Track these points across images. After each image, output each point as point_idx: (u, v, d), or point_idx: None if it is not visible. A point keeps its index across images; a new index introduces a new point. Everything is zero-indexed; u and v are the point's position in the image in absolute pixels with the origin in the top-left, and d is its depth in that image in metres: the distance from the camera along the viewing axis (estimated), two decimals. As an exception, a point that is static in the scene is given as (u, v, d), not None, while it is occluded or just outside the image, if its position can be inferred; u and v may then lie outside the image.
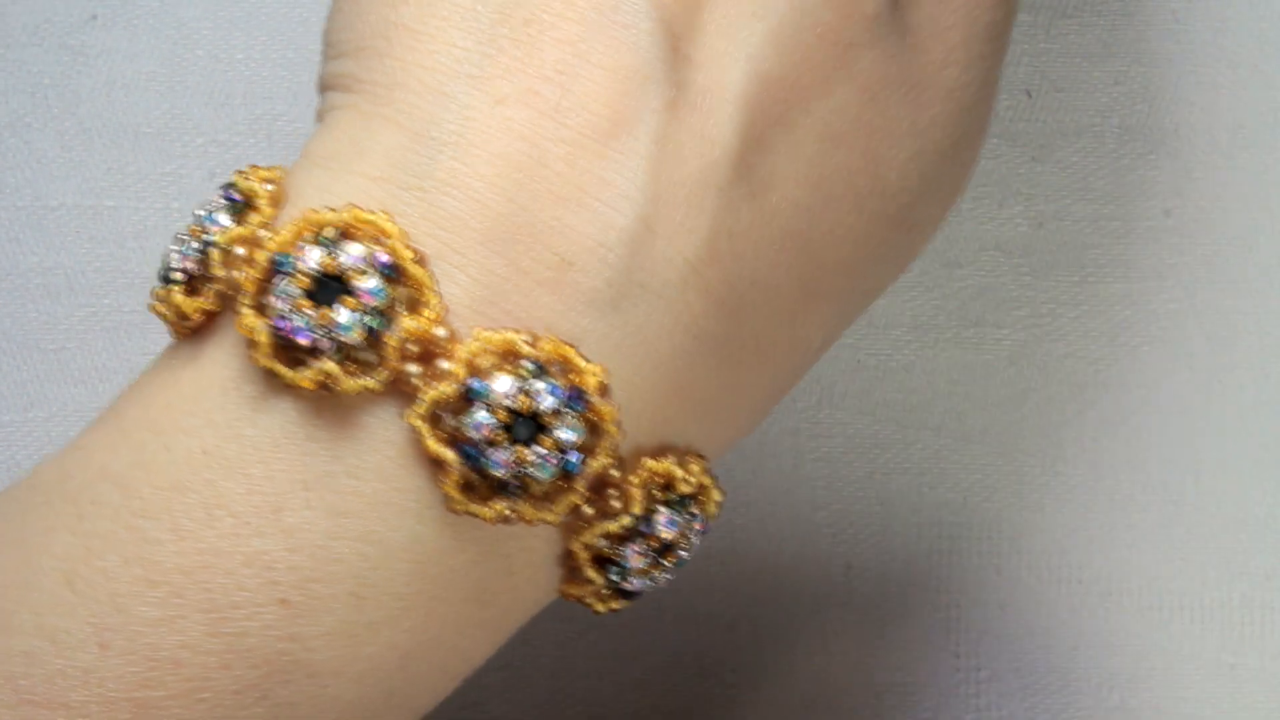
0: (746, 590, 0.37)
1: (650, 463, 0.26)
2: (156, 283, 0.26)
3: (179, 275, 0.26)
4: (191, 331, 0.26)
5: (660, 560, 0.27)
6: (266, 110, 0.37)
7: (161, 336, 0.37)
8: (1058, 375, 0.37)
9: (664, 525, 0.26)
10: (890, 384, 0.37)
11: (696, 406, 0.27)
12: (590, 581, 0.26)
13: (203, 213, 0.26)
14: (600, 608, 0.27)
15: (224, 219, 0.26)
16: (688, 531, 0.27)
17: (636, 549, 0.26)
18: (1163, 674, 0.37)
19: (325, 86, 0.27)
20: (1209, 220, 0.37)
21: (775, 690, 0.37)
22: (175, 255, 0.26)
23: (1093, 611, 0.37)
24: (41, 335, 0.37)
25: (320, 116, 0.27)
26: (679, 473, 0.26)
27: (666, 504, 0.26)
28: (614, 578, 0.26)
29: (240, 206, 0.26)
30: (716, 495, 0.27)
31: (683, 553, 0.27)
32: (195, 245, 0.26)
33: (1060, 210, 0.37)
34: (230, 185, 0.26)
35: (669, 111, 0.25)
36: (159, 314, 0.26)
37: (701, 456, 0.27)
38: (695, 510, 0.27)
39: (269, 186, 0.26)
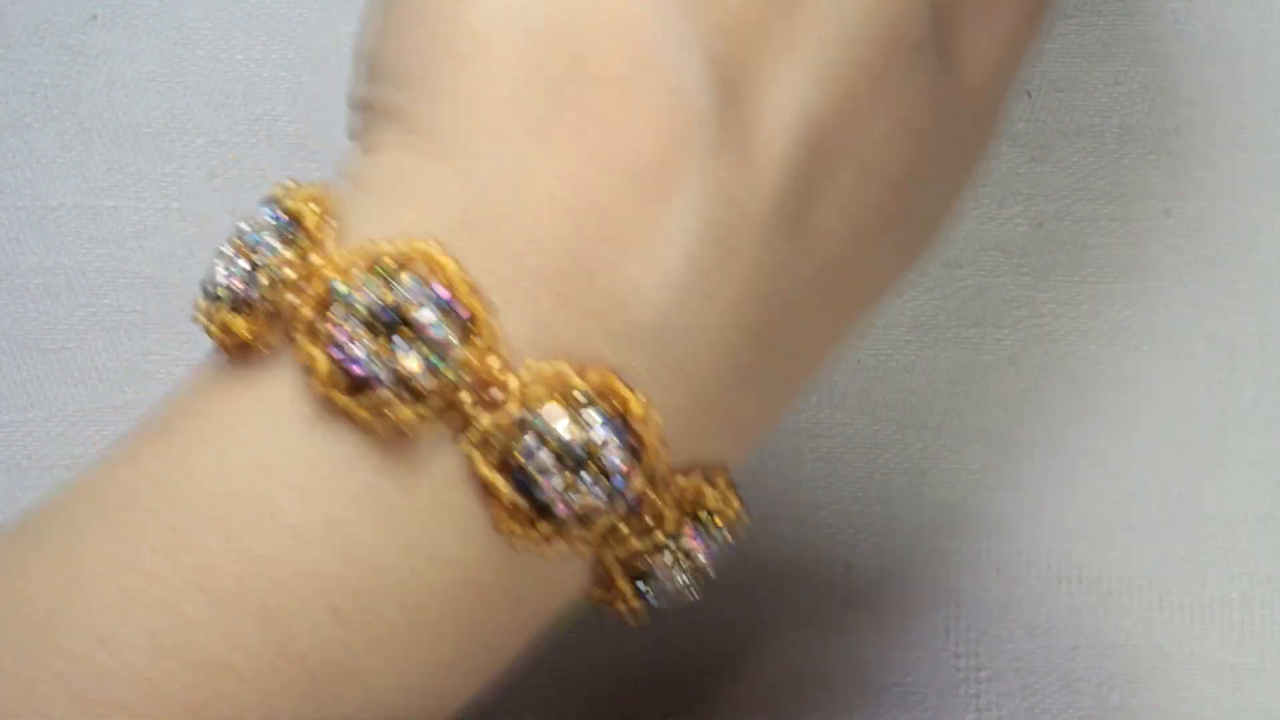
0: (746, 590, 0.37)
1: (681, 480, 0.27)
2: (199, 295, 0.27)
3: (225, 293, 0.26)
4: (239, 349, 0.26)
5: (686, 574, 0.27)
6: (266, 110, 0.37)
7: (161, 337, 0.37)
8: (1058, 375, 0.37)
9: (692, 540, 0.27)
10: (890, 384, 0.37)
11: (726, 426, 0.27)
12: (621, 592, 0.27)
13: (246, 228, 0.26)
14: (630, 620, 0.28)
15: (272, 240, 0.26)
16: (713, 545, 0.27)
17: (666, 563, 0.27)
18: (1163, 674, 0.37)
19: (367, 108, 0.27)
20: (1209, 220, 0.37)
21: (775, 690, 0.37)
22: (222, 272, 0.26)
23: (1093, 611, 0.37)
24: (41, 335, 0.37)
25: (358, 136, 0.27)
26: (708, 490, 0.27)
27: (695, 519, 0.27)
28: (644, 590, 0.27)
29: (287, 227, 0.26)
30: (737, 505, 0.28)
31: (705, 565, 0.27)
32: (244, 265, 0.26)
33: (1060, 210, 0.37)
34: (274, 201, 0.27)
35: (718, 154, 0.26)
36: (205, 329, 0.26)
37: (727, 471, 0.28)
38: (721, 525, 0.27)
39: (314, 207, 0.26)
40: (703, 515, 0.27)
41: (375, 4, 0.28)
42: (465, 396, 0.25)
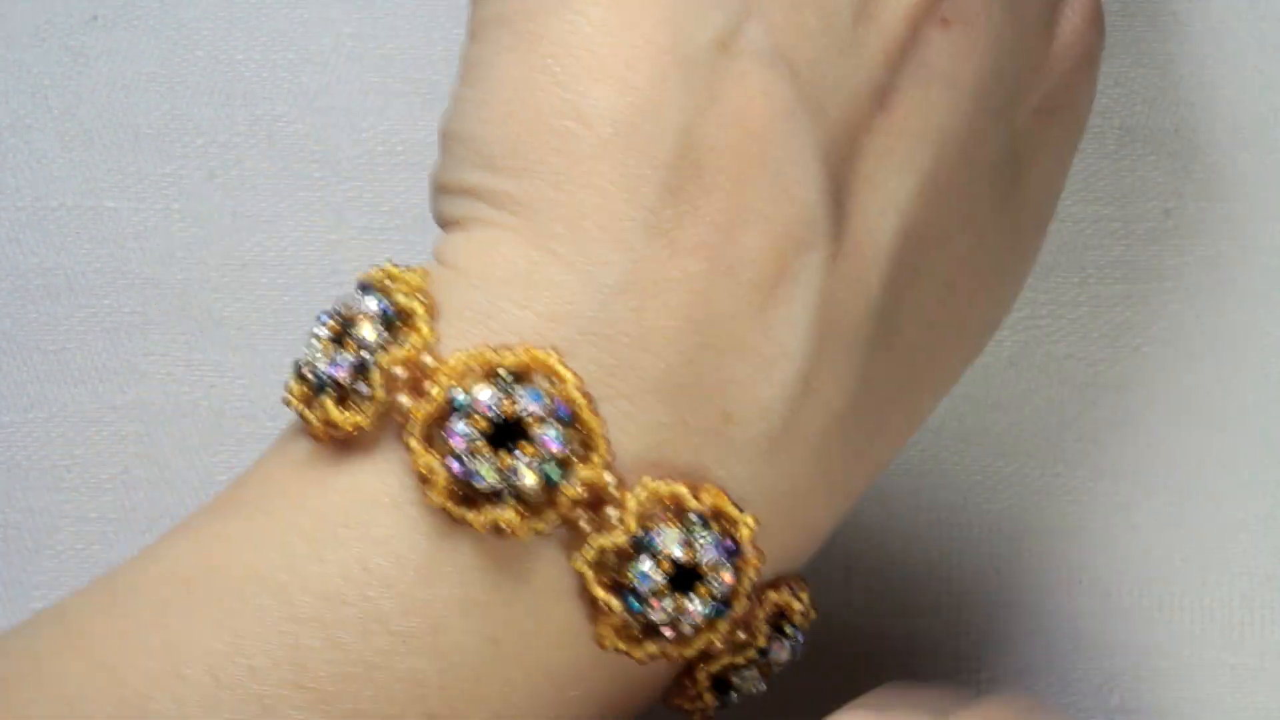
0: (746, 590, 0.37)
1: (773, 596, 0.27)
2: (290, 376, 0.26)
3: (330, 383, 0.25)
4: (338, 441, 0.25)
5: (761, 677, 0.28)
6: (266, 110, 0.37)
7: (161, 338, 0.37)
8: (1058, 376, 0.37)
9: (778, 652, 0.27)
10: (890, 384, 0.37)
11: (810, 537, 0.28)
12: (702, 700, 0.27)
13: (344, 311, 0.26)
14: (698, 717, 0.28)
15: (378, 331, 0.25)
16: (793, 656, 0.28)
17: (754, 674, 0.27)
18: (1163, 674, 0.37)
19: (465, 193, 0.26)
20: (1209, 220, 0.37)
21: (774, 690, 0.37)
22: (323, 362, 0.26)
23: (1093, 611, 0.37)
24: (41, 335, 0.37)
25: (454, 221, 0.27)
26: (797, 605, 0.27)
27: (781, 631, 0.27)
28: (728, 699, 0.27)
29: (394, 319, 0.25)
30: (812, 614, 0.28)
31: (778, 669, 0.28)
32: (349, 357, 0.25)
33: (1060, 211, 0.37)
34: (376, 287, 0.26)
35: (830, 265, 0.26)
36: (304, 417, 0.26)
37: (804, 581, 0.28)
38: (800, 635, 0.28)
39: (422, 299, 0.25)
40: (787, 627, 0.27)
41: (475, 86, 0.27)
42: (581, 514, 0.25)
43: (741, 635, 0.26)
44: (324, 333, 0.26)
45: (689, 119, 0.25)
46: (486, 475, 0.24)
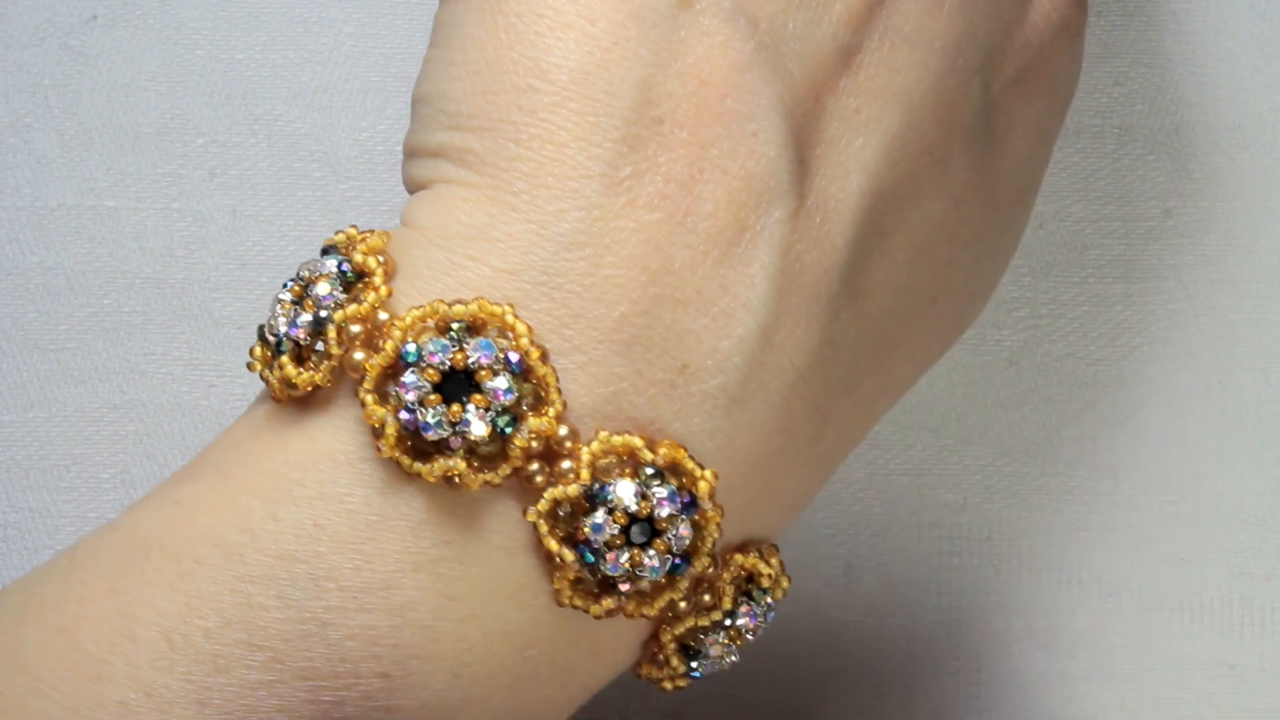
0: (746, 590, 0.37)
1: (739, 558, 0.27)
2: (256, 341, 0.26)
3: (288, 344, 0.26)
4: (295, 399, 0.26)
5: (732, 646, 0.27)
6: (266, 110, 0.37)
7: (161, 337, 0.37)
8: (1058, 376, 0.37)
9: (746, 617, 0.27)
10: (890, 384, 0.37)
11: (782, 503, 0.27)
12: (671, 667, 0.27)
13: (308, 274, 0.26)
14: (668, 686, 0.28)
15: (337, 292, 0.26)
16: (763, 622, 0.28)
17: (719, 639, 0.27)
18: (1163, 674, 0.37)
19: (432, 153, 0.27)
20: (1209, 220, 0.37)
21: (775, 690, 0.37)
22: (283, 322, 0.26)
23: (1093, 611, 0.37)
24: (41, 335, 0.37)
25: (421, 182, 0.27)
26: (764, 569, 0.27)
27: (748, 596, 0.27)
28: (693, 665, 0.27)
29: (352, 279, 0.26)
30: (785, 583, 0.28)
31: (750, 637, 0.28)
32: (307, 317, 0.26)
33: (1060, 210, 0.37)
34: (337, 250, 0.26)
35: (791, 221, 0.26)
36: (263, 378, 0.26)
37: (776, 548, 0.28)
38: (769, 601, 0.28)
39: (380, 259, 0.26)
40: (755, 592, 0.27)
41: (444, 47, 0.27)
42: (534, 466, 0.25)
43: (706, 597, 0.26)
44: (287, 296, 0.26)
45: (648, 72, 0.25)
46: (436, 425, 0.24)
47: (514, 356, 0.24)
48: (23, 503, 0.37)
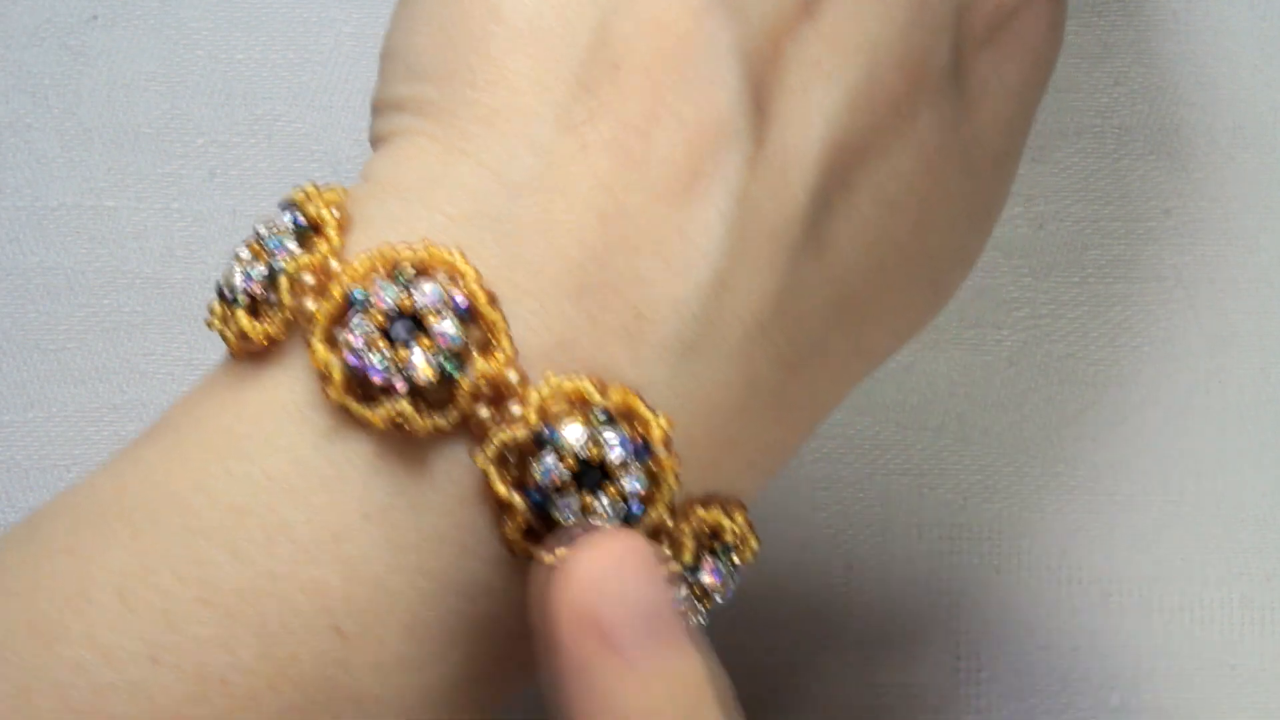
0: (746, 590, 0.37)
1: (701, 511, 0.26)
2: (213, 298, 0.26)
3: (244, 298, 0.26)
4: (252, 353, 0.26)
5: (698, 604, 0.27)
6: (266, 110, 0.37)
7: (161, 337, 0.37)
8: (1058, 376, 0.37)
9: (709, 573, 0.27)
10: (890, 385, 0.37)
11: (746, 457, 0.27)
12: None
13: (265, 232, 0.26)
14: None
15: (291, 244, 0.26)
16: (729, 580, 0.27)
17: (682, 595, 0.26)
18: (1163, 674, 0.37)
19: (394, 107, 0.27)
20: (1209, 220, 0.37)
21: (775, 690, 0.37)
22: (239, 276, 0.26)
23: (1093, 611, 0.37)
24: (41, 335, 0.37)
25: (383, 137, 0.27)
26: (727, 523, 0.27)
27: (712, 552, 0.27)
28: None
29: (306, 231, 0.26)
30: (754, 544, 0.28)
31: (718, 598, 0.27)
32: (262, 269, 0.26)
33: (1060, 211, 0.37)
34: (293, 205, 0.26)
35: (749, 168, 0.25)
36: (219, 332, 0.26)
37: (743, 506, 0.27)
38: (735, 559, 0.27)
39: (335, 211, 0.26)
40: (719, 548, 0.27)
41: (408, 3, 0.27)
42: (482, 410, 0.24)
43: (667, 551, 0.26)
44: (244, 254, 0.26)
45: (605, 16, 0.25)
46: (382, 368, 0.24)
47: (461, 300, 0.24)
48: (23, 503, 0.37)
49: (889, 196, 0.27)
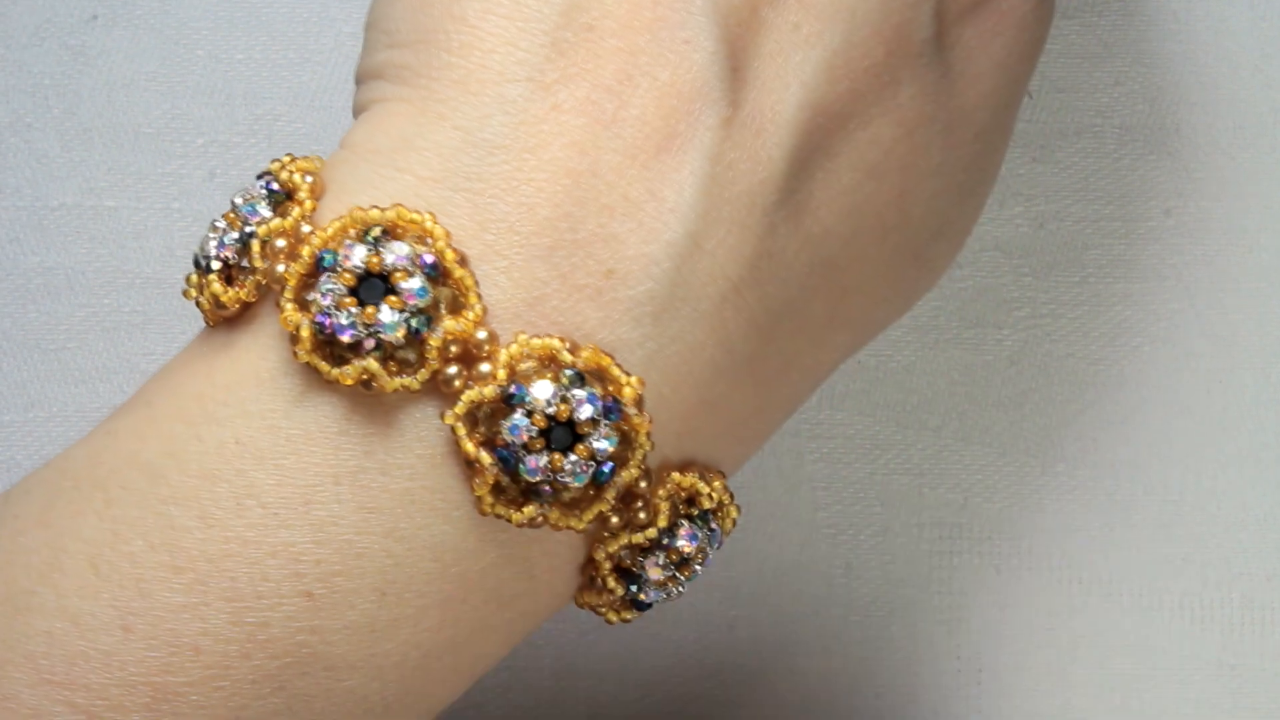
0: (746, 590, 0.37)
1: (677, 476, 0.26)
2: (191, 269, 0.26)
3: (216, 264, 0.26)
4: (226, 320, 0.26)
5: (677, 574, 0.27)
6: (266, 110, 0.37)
7: (161, 337, 0.37)
8: (1058, 375, 0.37)
9: (686, 540, 0.27)
10: (890, 384, 0.37)
11: (722, 423, 0.27)
12: (610, 591, 0.27)
13: (240, 201, 0.26)
14: (613, 617, 0.27)
15: (264, 210, 0.26)
16: (706, 547, 0.27)
17: (657, 562, 0.26)
18: (1163, 674, 0.37)
19: (373, 75, 0.27)
20: (1209, 220, 0.37)
21: (775, 690, 0.37)
22: (213, 243, 0.26)
23: (1093, 611, 0.37)
24: (41, 335, 0.37)
25: (363, 106, 0.27)
26: (703, 488, 0.27)
27: (689, 518, 0.27)
28: (633, 589, 0.27)
29: (280, 198, 0.26)
30: (734, 512, 0.28)
31: (698, 566, 0.27)
32: (235, 235, 0.26)
33: (1060, 210, 0.37)
34: (268, 174, 0.26)
35: (723, 130, 0.26)
36: (194, 300, 0.26)
37: (722, 474, 0.27)
38: (714, 526, 0.27)
39: (308, 178, 0.26)
40: (695, 514, 0.27)
41: None
42: (451, 369, 0.24)
43: (642, 515, 0.26)
44: (220, 223, 0.26)
45: None
46: (350, 326, 0.24)
47: (429, 258, 0.24)
48: (23, 503, 0.37)
49: (869, 164, 0.27)
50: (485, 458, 0.24)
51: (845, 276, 0.27)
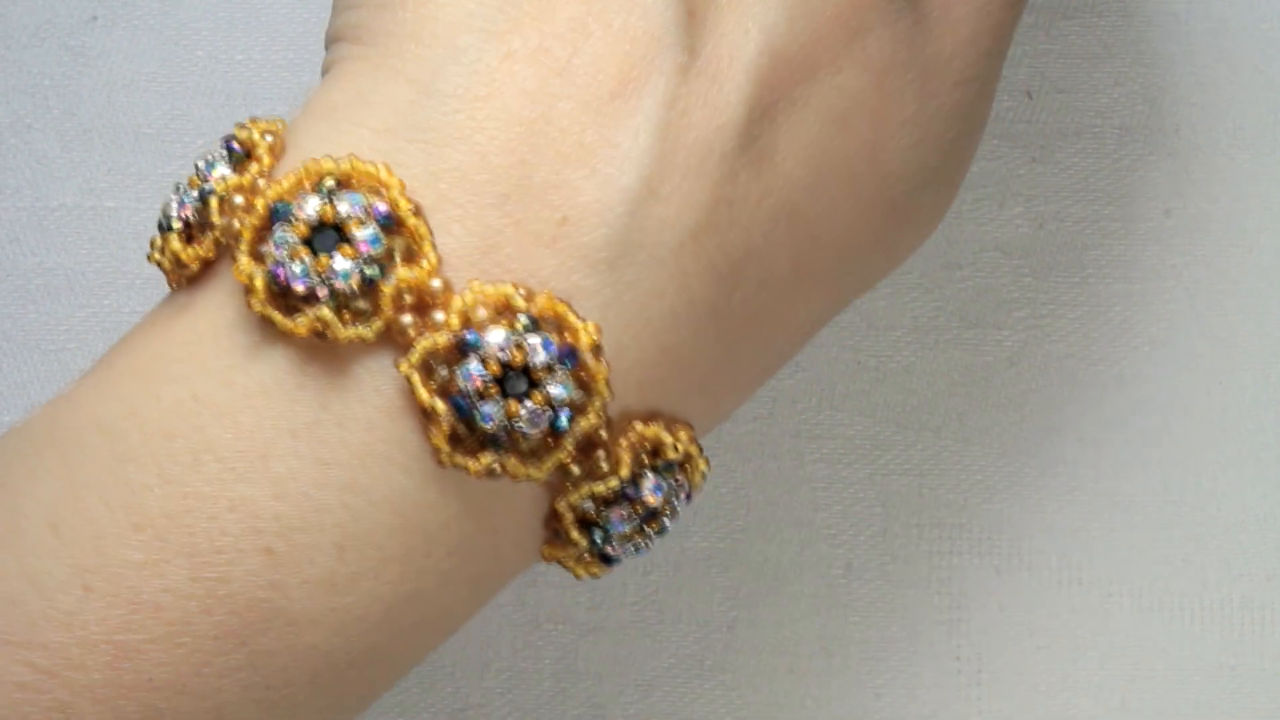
0: (746, 590, 0.37)
1: (640, 426, 0.26)
2: (156, 234, 0.26)
3: (177, 224, 0.26)
4: (188, 280, 0.26)
5: (644, 527, 0.27)
6: (267, 110, 0.37)
7: (162, 337, 0.37)
8: (1058, 376, 0.37)
9: (650, 490, 0.26)
10: (890, 385, 0.37)
11: (687, 376, 0.27)
12: (574, 544, 0.26)
13: (202, 163, 0.26)
14: (581, 572, 0.27)
15: (223, 169, 0.26)
16: (673, 499, 0.27)
17: (622, 513, 0.26)
18: (1163, 674, 0.37)
19: (334, 38, 0.27)
20: (1209, 220, 0.37)
21: (775, 690, 0.37)
22: (174, 204, 0.26)
23: (1093, 611, 0.37)
24: (41, 335, 0.37)
25: (327, 69, 0.27)
26: (667, 439, 0.26)
27: (654, 470, 0.26)
28: (597, 541, 0.26)
29: (240, 157, 0.26)
30: (703, 465, 0.27)
31: (666, 520, 0.27)
32: (194, 194, 0.26)
33: (1060, 211, 0.37)
34: (230, 136, 0.26)
35: (679, 76, 0.25)
36: (156, 263, 0.26)
37: (690, 426, 0.27)
38: (681, 478, 0.27)
39: (269, 138, 0.26)
40: (660, 465, 0.26)
41: None
42: (406, 318, 0.24)
43: (604, 466, 0.26)
44: (183, 184, 0.26)
45: None
46: (303, 275, 0.24)
47: (382, 207, 0.24)
48: (23, 503, 0.37)
49: (837, 113, 0.27)
50: (440, 406, 0.24)
51: (813, 227, 0.27)
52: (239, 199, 0.25)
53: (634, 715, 0.37)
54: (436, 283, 0.24)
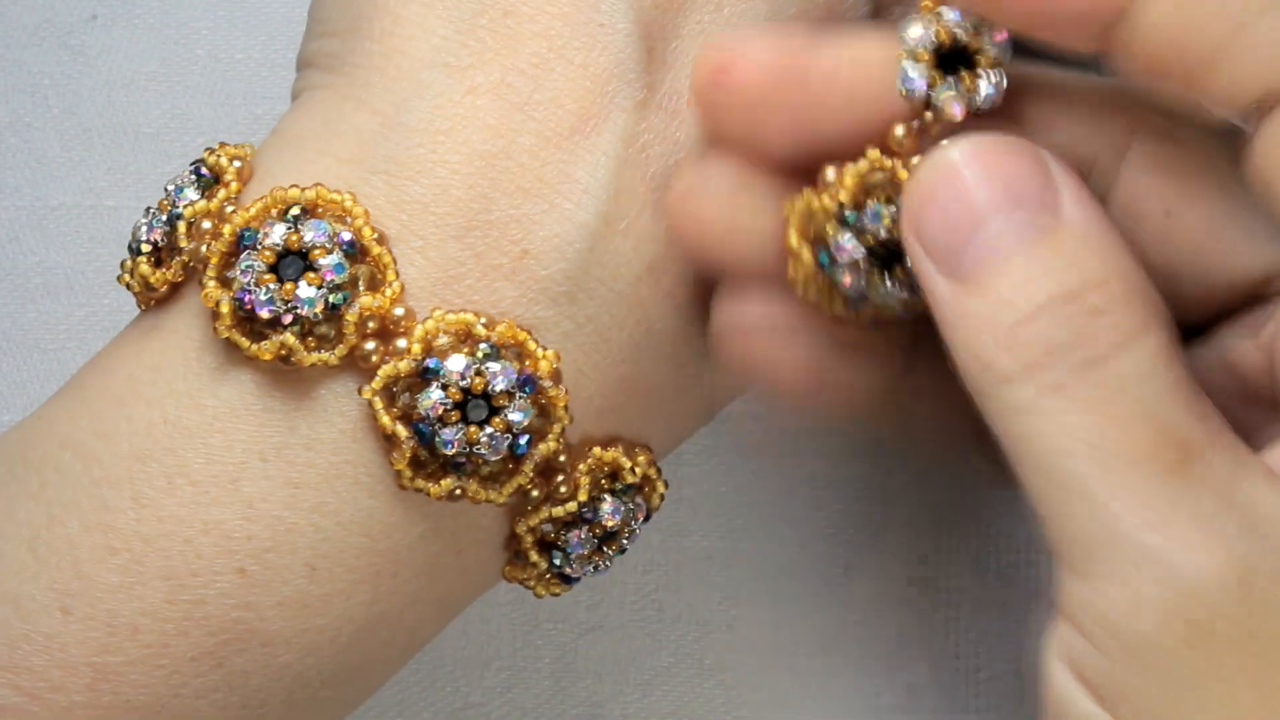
0: (746, 590, 0.37)
1: (598, 451, 0.26)
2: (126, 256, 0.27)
3: (146, 247, 0.26)
4: (156, 303, 0.26)
5: (603, 548, 0.27)
6: (266, 110, 0.37)
7: (161, 336, 0.37)
8: (1058, 375, 0.37)
9: (609, 513, 0.27)
10: (890, 384, 0.37)
11: (646, 402, 0.27)
12: (534, 565, 0.27)
13: (172, 188, 0.27)
14: (541, 591, 0.28)
15: (191, 194, 0.26)
16: (631, 520, 0.27)
17: (580, 535, 0.27)
18: (1163, 674, 0.37)
19: (305, 64, 0.27)
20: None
21: (775, 690, 0.37)
22: (144, 228, 0.26)
23: (1093, 611, 0.37)
24: (41, 335, 0.37)
25: (297, 93, 0.27)
26: (626, 463, 0.27)
27: (612, 493, 0.27)
28: (556, 562, 0.27)
29: (209, 182, 0.26)
30: (661, 487, 0.28)
31: (625, 541, 0.27)
32: (163, 218, 0.26)
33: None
34: (199, 162, 0.27)
35: (638, 112, 0.26)
36: (125, 285, 0.27)
37: (649, 449, 0.28)
38: (640, 500, 0.27)
39: (237, 163, 0.26)
40: (619, 489, 0.27)
41: None
42: (369, 345, 0.25)
43: (563, 489, 0.26)
44: (154, 208, 0.27)
45: None
46: (268, 301, 0.25)
47: (347, 236, 0.25)
48: (23, 502, 0.37)
49: None
50: (402, 431, 0.25)
51: None
52: (207, 224, 0.25)
53: (633, 714, 0.37)
54: (399, 310, 0.25)
